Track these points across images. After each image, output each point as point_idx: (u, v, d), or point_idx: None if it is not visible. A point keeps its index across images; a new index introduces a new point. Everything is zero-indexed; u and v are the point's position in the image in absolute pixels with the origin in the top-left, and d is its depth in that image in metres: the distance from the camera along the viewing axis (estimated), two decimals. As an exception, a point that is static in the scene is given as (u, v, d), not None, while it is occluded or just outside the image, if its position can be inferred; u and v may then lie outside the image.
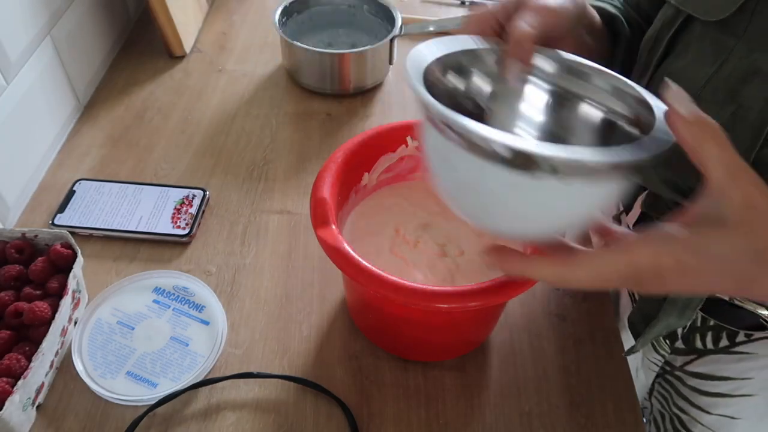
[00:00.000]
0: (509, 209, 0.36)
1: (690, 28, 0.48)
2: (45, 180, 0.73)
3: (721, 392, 0.59)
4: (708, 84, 0.45)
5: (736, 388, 0.57)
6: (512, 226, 0.38)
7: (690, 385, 0.62)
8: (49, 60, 0.73)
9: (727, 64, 0.44)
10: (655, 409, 0.69)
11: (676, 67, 0.48)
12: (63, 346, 0.57)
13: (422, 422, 0.55)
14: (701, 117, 0.32)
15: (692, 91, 0.45)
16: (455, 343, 0.58)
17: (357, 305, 0.59)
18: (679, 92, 0.33)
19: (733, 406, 0.58)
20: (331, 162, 0.54)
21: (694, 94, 0.45)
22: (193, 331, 0.59)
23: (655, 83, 0.50)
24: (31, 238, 0.59)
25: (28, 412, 0.51)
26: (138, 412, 0.53)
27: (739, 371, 0.57)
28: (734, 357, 0.57)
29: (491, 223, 0.38)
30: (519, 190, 0.34)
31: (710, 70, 0.45)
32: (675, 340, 0.62)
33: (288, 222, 0.70)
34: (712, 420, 0.60)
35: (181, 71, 0.89)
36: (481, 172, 0.34)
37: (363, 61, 0.83)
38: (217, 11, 1.01)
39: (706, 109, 0.45)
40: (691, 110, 0.32)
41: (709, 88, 0.45)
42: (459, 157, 0.34)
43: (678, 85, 0.33)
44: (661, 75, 0.49)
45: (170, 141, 0.79)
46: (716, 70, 0.44)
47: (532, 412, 0.55)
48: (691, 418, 0.62)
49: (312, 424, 0.54)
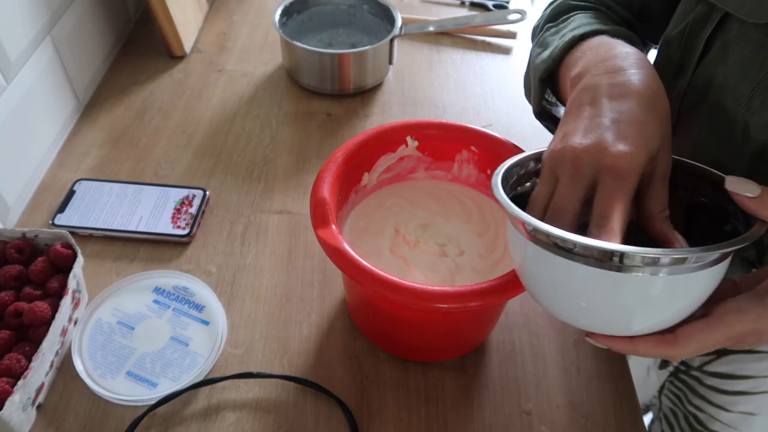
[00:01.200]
0: (609, 309, 0.37)
1: (725, 28, 0.46)
2: (45, 180, 0.73)
3: (741, 390, 0.59)
4: (755, 92, 0.43)
5: (757, 386, 0.58)
6: (606, 325, 0.39)
7: (708, 384, 0.62)
8: (49, 60, 0.73)
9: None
10: (665, 407, 0.69)
11: (719, 72, 0.46)
12: (63, 346, 0.57)
13: (422, 422, 0.55)
14: (767, 191, 0.35)
15: (739, 100, 0.45)
16: (455, 343, 0.58)
17: (357, 305, 0.59)
18: (739, 180, 0.36)
19: (753, 403, 0.59)
20: (331, 162, 0.54)
21: (743, 104, 0.44)
22: (193, 331, 0.59)
23: (695, 87, 0.49)
24: (31, 238, 0.59)
25: (28, 412, 0.51)
26: (138, 412, 0.53)
27: (760, 369, 0.58)
28: (756, 356, 0.58)
29: (589, 323, 0.39)
30: (616, 288, 0.35)
31: (757, 76, 0.43)
32: None
33: (288, 222, 0.70)
34: (731, 417, 0.61)
35: (181, 71, 0.89)
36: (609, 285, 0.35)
37: (363, 61, 0.83)
38: (217, 11, 1.01)
39: (756, 120, 0.45)
40: (757, 190, 0.35)
41: (758, 98, 0.43)
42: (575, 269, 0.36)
43: (735, 177, 0.36)
44: (703, 80, 0.48)
45: (170, 141, 0.79)
46: (763, 77, 0.43)
47: (532, 412, 0.56)
48: (708, 416, 0.63)
49: (312, 424, 0.54)
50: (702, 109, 0.48)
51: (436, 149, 0.60)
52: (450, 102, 0.87)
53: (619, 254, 0.33)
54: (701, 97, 0.48)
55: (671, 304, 0.36)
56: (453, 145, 0.60)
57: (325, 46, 0.90)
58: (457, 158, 0.61)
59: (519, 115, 0.84)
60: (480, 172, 0.60)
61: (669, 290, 0.35)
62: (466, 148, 0.60)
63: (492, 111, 0.85)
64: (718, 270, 0.36)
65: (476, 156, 0.59)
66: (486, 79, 0.91)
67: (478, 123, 0.63)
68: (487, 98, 0.87)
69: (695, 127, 0.49)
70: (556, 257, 0.36)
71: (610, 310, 0.37)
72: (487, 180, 0.60)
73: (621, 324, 0.38)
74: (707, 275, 0.35)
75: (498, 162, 0.46)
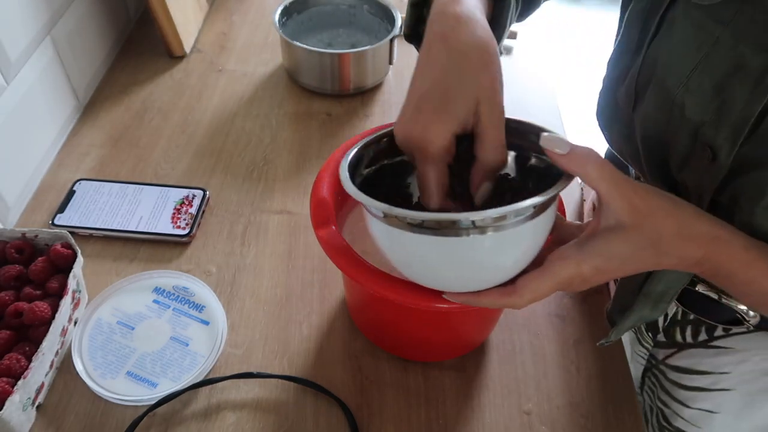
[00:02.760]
0: (455, 269, 0.41)
1: (675, 6, 0.46)
2: (45, 180, 0.73)
3: (699, 386, 0.59)
4: (694, 73, 0.44)
5: (714, 383, 0.58)
6: (460, 284, 0.43)
7: (671, 378, 0.62)
8: (49, 60, 0.73)
9: (715, 55, 0.43)
10: (645, 404, 0.69)
11: (664, 50, 0.47)
12: (63, 346, 0.57)
13: (422, 422, 0.55)
14: (575, 149, 0.38)
15: (679, 80, 0.45)
16: (455, 343, 0.58)
17: (357, 305, 0.59)
18: (552, 137, 0.38)
19: (712, 400, 0.58)
20: (331, 162, 0.54)
21: (681, 83, 0.45)
22: (193, 331, 0.59)
23: (647, 64, 0.49)
24: (31, 238, 0.59)
25: (28, 412, 0.51)
26: (138, 412, 0.53)
27: (716, 365, 0.57)
28: (712, 351, 0.57)
29: (444, 285, 0.44)
30: (456, 250, 0.39)
31: (696, 57, 0.44)
32: (657, 333, 0.62)
33: (288, 222, 0.70)
34: (692, 414, 0.60)
35: (181, 71, 0.89)
36: (423, 245, 0.39)
37: (363, 61, 0.83)
38: (217, 11, 1.01)
39: (692, 101, 0.45)
40: (566, 147, 0.38)
41: (695, 79, 0.44)
42: (404, 237, 0.40)
43: (550, 134, 0.39)
44: (653, 58, 0.48)
45: (170, 141, 0.79)
46: (702, 58, 0.44)
47: (532, 412, 0.56)
48: (672, 411, 0.62)
49: (312, 424, 0.54)
50: (650, 86, 0.49)
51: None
52: (450, 102, 0.87)
53: (447, 221, 0.37)
54: (650, 74, 0.49)
55: (503, 257, 0.40)
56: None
57: (325, 46, 0.90)
58: (457, 158, 0.61)
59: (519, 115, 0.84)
60: (480, 172, 0.60)
61: (498, 246, 0.39)
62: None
63: (492, 111, 0.85)
64: (541, 221, 0.39)
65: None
66: (486, 79, 0.90)
67: (478, 123, 0.62)
68: (487, 98, 0.87)
69: (645, 104, 0.50)
70: (394, 230, 0.40)
71: (455, 270, 0.41)
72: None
73: (466, 281, 0.42)
74: (530, 228, 0.39)
75: None
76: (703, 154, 0.45)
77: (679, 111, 0.46)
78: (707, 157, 0.44)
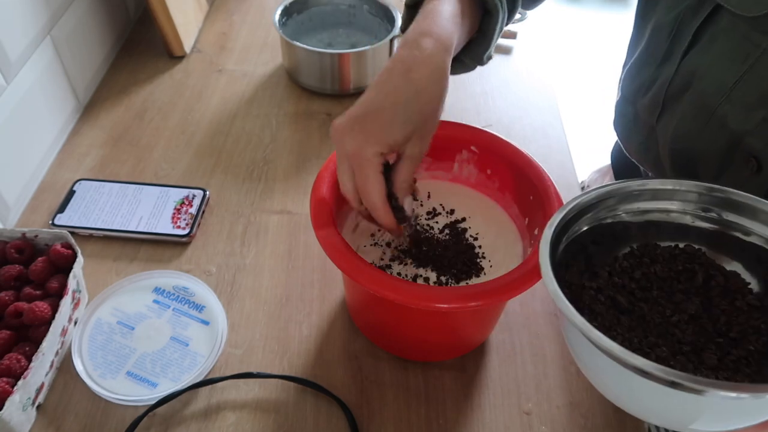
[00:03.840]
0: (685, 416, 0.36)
1: (716, 19, 0.46)
2: (45, 180, 0.73)
3: None
4: (738, 84, 0.44)
5: None
6: (680, 424, 0.38)
7: None
8: (49, 60, 0.73)
9: (760, 66, 0.43)
10: None
11: (703, 62, 0.47)
12: (63, 346, 0.57)
13: (422, 422, 0.55)
14: None
15: (721, 90, 0.45)
16: (455, 343, 0.58)
17: (357, 305, 0.59)
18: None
19: None
20: (331, 162, 0.54)
21: (723, 94, 0.45)
22: (193, 331, 0.59)
23: (681, 75, 0.49)
24: (32, 238, 0.59)
25: (28, 412, 0.51)
26: (138, 412, 0.53)
27: None
28: None
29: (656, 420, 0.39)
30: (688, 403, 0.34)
31: (740, 69, 0.44)
32: None
33: (288, 222, 0.70)
34: None
35: (181, 71, 0.89)
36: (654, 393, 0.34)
37: (363, 61, 0.83)
38: (217, 11, 1.01)
39: (735, 111, 0.44)
40: None
41: (740, 89, 0.44)
42: (633, 379, 0.34)
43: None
44: (690, 69, 0.48)
45: (170, 141, 0.79)
46: (747, 70, 0.43)
47: (532, 412, 0.56)
48: None
49: (312, 424, 0.54)
50: (685, 97, 0.48)
51: (436, 149, 0.60)
52: (450, 102, 0.86)
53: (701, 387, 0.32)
54: (686, 86, 0.48)
55: (752, 416, 0.35)
56: (453, 144, 0.60)
57: (325, 46, 0.90)
58: (457, 158, 0.61)
59: (519, 115, 0.84)
60: (480, 172, 0.60)
61: (751, 407, 0.34)
62: (466, 148, 0.60)
63: (492, 111, 0.85)
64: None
65: (476, 156, 0.59)
66: (486, 79, 0.91)
67: (478, 123, 0.63)
68: (487, 98, 0.87)
69: (677, 114, 0.49)
70: (623, 369, 0.34)
71: (678, 415, 0.36)
72: (487, 180, 0.60)
73: (688, 425, 0.37)
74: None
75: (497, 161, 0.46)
76: (746, 165, 0.44)
77: (718, 121, 0.45)
78: (751, 168, 0.44)
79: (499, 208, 0.60)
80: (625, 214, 0.44)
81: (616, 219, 0.45)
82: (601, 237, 0.45)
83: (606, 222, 0.44)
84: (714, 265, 0.42)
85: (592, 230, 0.44)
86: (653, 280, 0.42)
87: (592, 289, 0.42)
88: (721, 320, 0.39)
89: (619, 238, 0.45)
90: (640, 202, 0.44)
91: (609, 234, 0.45)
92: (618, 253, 0.45)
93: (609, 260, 0.44)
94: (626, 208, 0.44)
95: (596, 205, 0.44)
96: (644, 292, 0.42)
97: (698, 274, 0.42)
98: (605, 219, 0.44)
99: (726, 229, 0.43)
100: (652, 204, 0.44)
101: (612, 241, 0.45)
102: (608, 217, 0.44)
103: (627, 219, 0.44)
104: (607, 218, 0.44)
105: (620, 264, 0.44)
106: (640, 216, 0.44)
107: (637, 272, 0.43)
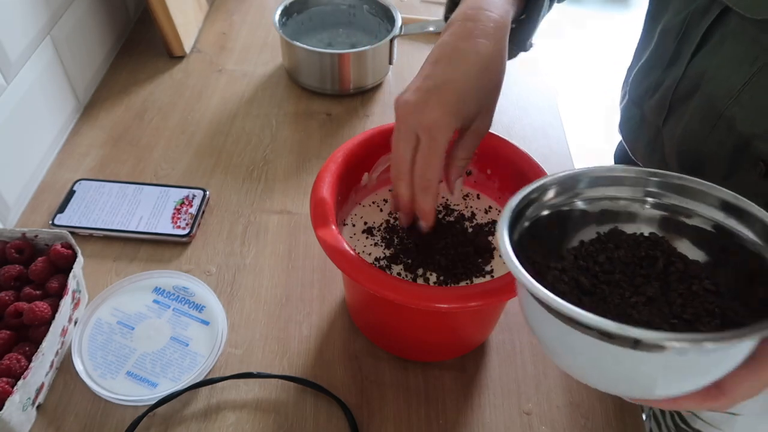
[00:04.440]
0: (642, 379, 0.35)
1: (725, 21, 0.46)
2: (45, 180, 0.73)
3: None
4: (746, 87, 0.44)
5: None
6: (640, 392, 0.38)
7: None
8: (49, 60, 0.73)
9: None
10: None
11: (712, 64, 0.47)
12: (63, 346, 0.57)
13: (422, 422, 0.55)
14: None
15: (729, 93, 0.45)
16: (455, 343, 0.58)
17: (357, 305, 0.59)
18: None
19: None
20: (331, 162, 0.54)
21: (732, 97, 0.44)
22: (193, 331, 0.59)
23: (689, 77, 0.49)
24: (31, 238, 0.59)
25: (28, 412, 0.51)
26: (138, 412, 0.53)
27: None
28: None
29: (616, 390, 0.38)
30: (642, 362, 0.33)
31: (749, 71, 0.43)
32: None
33: (288, 222, 0.70)
34: (713, 416, 0.60)
35: (181, 71, 0.89)
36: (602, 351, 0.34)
37: (363, 61, 0.83)
38: (217, 11, 1.01)
39: (744, 114, 0.44)
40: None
41: (748, 92, 0.44)
42: (579, 339, 0.34)
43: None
44: (697, 71, 0.48)
45: (170, 141, 0.79)
46: (755, 72, 0.43)
47: (532, 412, 0.56)
48: (691, 413, 0.62)
49: (312, 424, 0.54)
50: (693, 99, 0.48)
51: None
52: (450, 102, 0.87)
53: (648, 341, 0.31)
54: (694, 88, 0.48)
55: (703, 375, 0.35)
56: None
57: (325, 46, 0.90)
58: (457, 158, 0.61)
59: (519, 115, 0.84)
60: (480, 172, 0.60)
61: (700, 364, 0.33)
62: (466, 148, 0.60)
63: (492, 111, 0.85)
64: (755, 339, 0.33)
65: (476, 156, 0.59)
66: (486, 79, 0.90)
67: (478, 123, 0.62)
68: (487, 98, 0.87)
69: (685, 117, 0.49)
70: (575, 332, 0.34)
71: (639, 379, 0.36)
72: (487, 180, 0.60)
73: (649, 391, 0.36)
74: (742, 347, 0.33)
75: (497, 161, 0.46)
76: (754, 169, 0.44)
77: (726, 124, 0.45)
78: (759, 171, 0.44)
79: (499, 208, 0.60)
80: (581, 202, 0.45)
81: (573, 207, 0.45)
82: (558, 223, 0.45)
83: (563, 209, 0.45)
84: (675, 252, 0.43)
85: (550, 216, 0.45)
86: (617, 264, 0.43)
87: (556, 269, 0.42)
88: (677, 303, 0.39)
89: (578, 223, 0.46)
90: (592, 189, 0.45)
91: (566, 219, 0.45)
92: (575, 239, 0.45)
93: (575, 245, 0.45)
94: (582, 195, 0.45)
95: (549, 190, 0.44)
96: (607, 275, 0.42)
97: (659, 260, 0.42)
98: (563, 206, 0.45)
99: (672, 215, 0.43)
100: (601, 191, 0.45)
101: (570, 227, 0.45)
102: (565, 204, 0.45)
103: (582, 207, 0.45)
104: (564, 205, 0.45)
105: (586, 248, 0.44)
106: (595, 204, 0.45)
107: (601, 256, 0.43)
